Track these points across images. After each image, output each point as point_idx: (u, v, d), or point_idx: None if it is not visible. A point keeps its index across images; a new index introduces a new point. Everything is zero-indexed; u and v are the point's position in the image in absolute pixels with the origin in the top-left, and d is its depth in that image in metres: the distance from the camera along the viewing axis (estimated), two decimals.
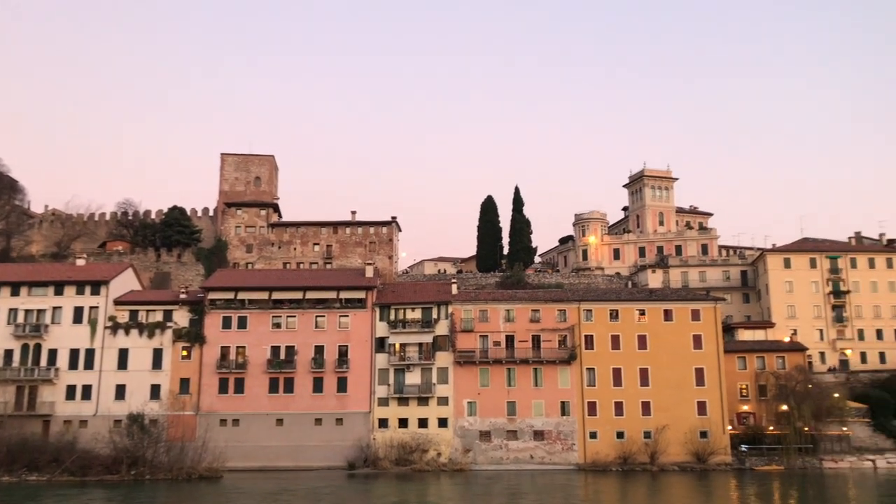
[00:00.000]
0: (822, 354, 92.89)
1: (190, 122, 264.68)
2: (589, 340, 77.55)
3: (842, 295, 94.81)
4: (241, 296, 79.08)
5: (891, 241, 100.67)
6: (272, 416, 75.56)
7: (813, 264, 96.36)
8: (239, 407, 75.67)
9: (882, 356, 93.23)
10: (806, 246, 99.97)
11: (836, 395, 78.42)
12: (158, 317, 78.15)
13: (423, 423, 75.61)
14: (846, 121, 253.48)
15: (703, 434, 74.66)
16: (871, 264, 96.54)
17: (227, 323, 78.01)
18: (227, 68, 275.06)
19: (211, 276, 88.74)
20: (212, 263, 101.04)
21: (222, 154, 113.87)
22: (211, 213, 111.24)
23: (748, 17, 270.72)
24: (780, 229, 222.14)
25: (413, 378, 76.64)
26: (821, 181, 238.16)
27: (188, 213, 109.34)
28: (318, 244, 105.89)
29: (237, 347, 77.36)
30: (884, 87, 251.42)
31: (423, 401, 76.16)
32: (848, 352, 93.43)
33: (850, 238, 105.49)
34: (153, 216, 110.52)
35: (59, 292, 77.87)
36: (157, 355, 76.90)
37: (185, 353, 77.18)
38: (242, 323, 78.15)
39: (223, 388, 76.25)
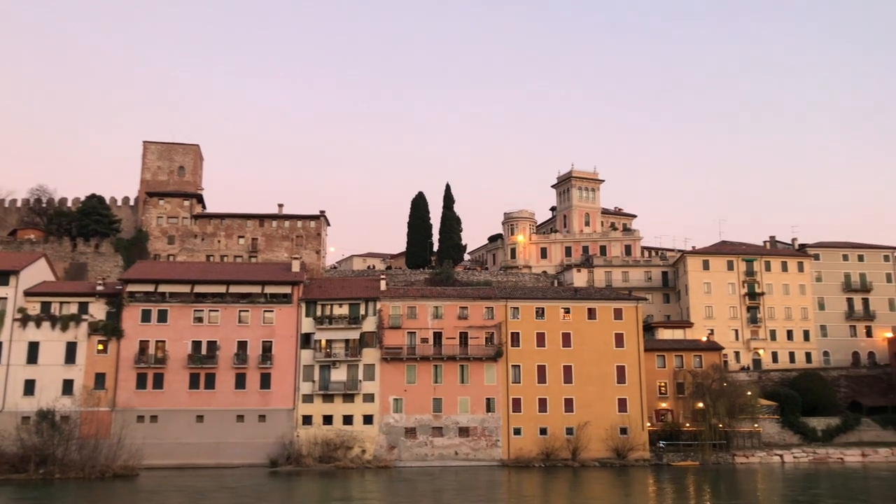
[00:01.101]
0: (737, 354, 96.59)
1: (111, 108, 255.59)
2: (515, 338, 78.44)
3: (756, 297, 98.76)
4: (162, 289, 76.82)
5: (802, 246, 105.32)
6: (192, 412, 73.69)
7: (730, 267, 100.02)
8: (158, 403, 73.54)
9: (792, 356, 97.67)
10: (724, 249, 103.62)
11: (749, 392, 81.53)
12: (73, 309, 75.24)
13: (348, 419, 75.09)
14: (762, 129, 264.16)
15: (623, 430, 76.55)
16: (784, 268, 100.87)
17: (146, 316, 75.77)
18: (152, 55, 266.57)
19: (130, 268, 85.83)
20: (132, 255, 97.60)
21: (145, 142, 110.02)
22: (132, 203, 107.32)
23: (670, 24, 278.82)
24: (700, 232, 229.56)
25: (339, 375, 75.99)
26: (738, 186, 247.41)
27: (107, 201, 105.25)
28: (243, 237, 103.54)
29: (157, 342, 75.24)
30: (798, 96, 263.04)
31: (348, 397, 75.62)
32: (760, 351, 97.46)
33: (765, 242, 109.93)
34: (69, 204, 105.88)
35: None
36: (71, 349, 74.06)
37: (101, 346, 74.57)
38: (163, 316, 75.99)
39: (141, 383, 73.99)
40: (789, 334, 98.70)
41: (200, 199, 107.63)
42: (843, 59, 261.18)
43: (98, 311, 75.59)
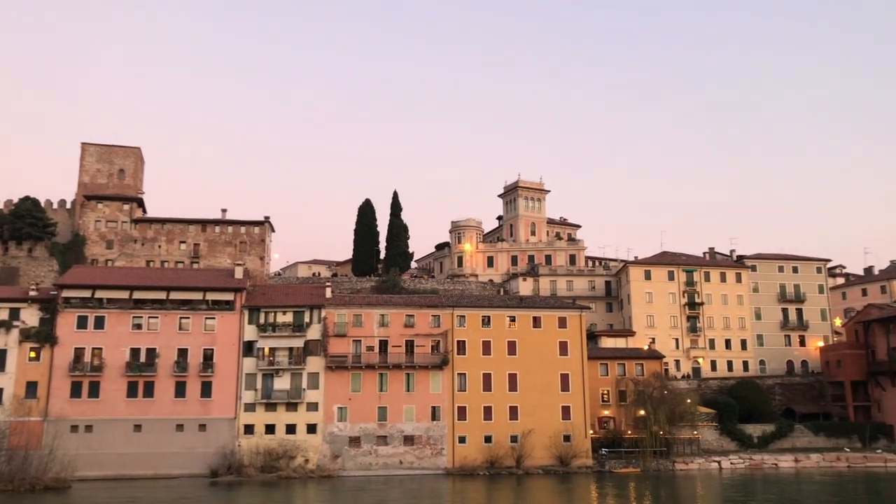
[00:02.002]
0: (678, 362, 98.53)
1: (48, 107, 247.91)
2: (461, 346, 78.53)
3: (696, 306, 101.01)
4: (100, 294, 74.74)
5: (740, 257, 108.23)
6: (129, 421, 71.72)
7: (671, 277, 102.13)
8: (93, 412, 71.33)
9: (730, 364, 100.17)
10: (665, 259, 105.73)
11: (689, 400, 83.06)
12: (3, 315, 72.69)
13: (291, 429, 74.04)
14: (703, 143, 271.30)
15: (567, 438, 77.22)
16: (723, 278, 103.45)
17: (82, 323, 73.57)
18: (93, 53, 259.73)
19: (66, 273, 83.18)
20: (68, 259, 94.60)
21: (83, 143, 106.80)
22: (68, 206, 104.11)
23: (609, 36, 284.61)
24: (643, 242, 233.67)
25: (282, 383, 74.90)
26: (680, 198, 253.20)
27: (42, 204, 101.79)
28: (184, 242, 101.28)
29: (93, 349, 73.12)
30: (734, 111, 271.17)
31: (291, 406, 74.60)
32: (700, 360, 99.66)
33: (704, 253, 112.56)
34: (1, 206, 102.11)
35: None
36: (0, 356, 71.33)
37: (33, 354, 72.10)
38: (100, 323, 73.91)
39: (76, 391, 71.76)
40: (727, 343, 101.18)
41: (141, 203, 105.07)
42: (786, 75, 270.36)
43: (30, 317, 73.02)
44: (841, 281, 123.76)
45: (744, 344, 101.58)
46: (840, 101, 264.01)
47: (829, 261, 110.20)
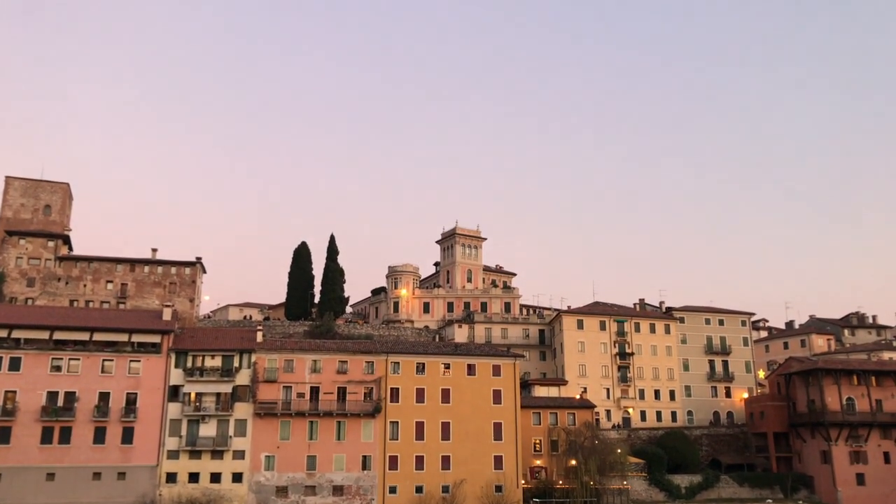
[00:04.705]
0: (608, 412, 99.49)
1: None
2: (395, 393, 77.69)
3: (626, 356, 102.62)
4: (17, 334, 71.57)
5: (669, 309, 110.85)
6: (42, 469, 68.17)
7: (603, 327, 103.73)
8: (2, 459, 67.68)
9: (659, 415, 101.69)
10: (597, 309, 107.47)
11: (619, 450, 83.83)
12: None
13: (216, 477, 71.60)
14: (633, 195, 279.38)
15: (499, 488, 76.63)
16: (653, 329, 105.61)
17: None
18: (22, 87, 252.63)
19: None
20: None
21: (7, 177, 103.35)
22: None
23: (551, 91, 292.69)
24: (576, 292, 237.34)
25: (208, 430, 72.54)
26: (612, 250, 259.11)
27: None
28: (111, 282, 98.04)
29: (6, 392, 69.70)
30: (665, 165, 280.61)
31: (217, 454, 72.22)
32: (630, 410, 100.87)
33: (635, 304, 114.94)
34: None
35: None
36: None
37: None
38: (15, 364, 70.65)
39: None
40: (657, 394, 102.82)
41: (67, 241, 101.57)
42: (715, 128, 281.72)
43: None
44: (764, 334, 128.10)
45: (672, 394, 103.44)
46: (763, 160, 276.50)
47: (752, 314, 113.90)
